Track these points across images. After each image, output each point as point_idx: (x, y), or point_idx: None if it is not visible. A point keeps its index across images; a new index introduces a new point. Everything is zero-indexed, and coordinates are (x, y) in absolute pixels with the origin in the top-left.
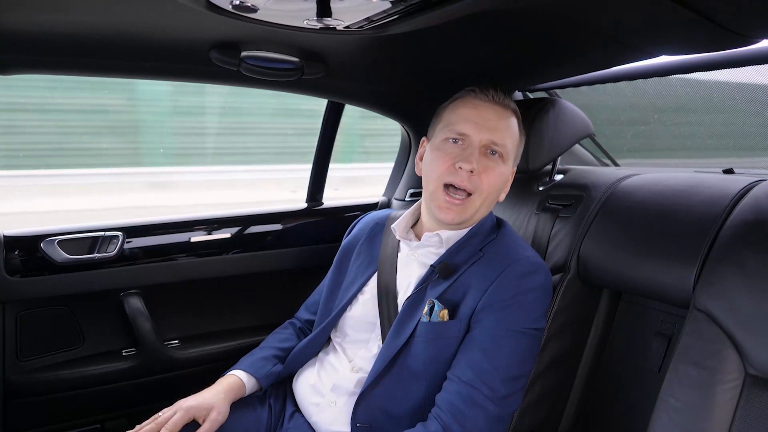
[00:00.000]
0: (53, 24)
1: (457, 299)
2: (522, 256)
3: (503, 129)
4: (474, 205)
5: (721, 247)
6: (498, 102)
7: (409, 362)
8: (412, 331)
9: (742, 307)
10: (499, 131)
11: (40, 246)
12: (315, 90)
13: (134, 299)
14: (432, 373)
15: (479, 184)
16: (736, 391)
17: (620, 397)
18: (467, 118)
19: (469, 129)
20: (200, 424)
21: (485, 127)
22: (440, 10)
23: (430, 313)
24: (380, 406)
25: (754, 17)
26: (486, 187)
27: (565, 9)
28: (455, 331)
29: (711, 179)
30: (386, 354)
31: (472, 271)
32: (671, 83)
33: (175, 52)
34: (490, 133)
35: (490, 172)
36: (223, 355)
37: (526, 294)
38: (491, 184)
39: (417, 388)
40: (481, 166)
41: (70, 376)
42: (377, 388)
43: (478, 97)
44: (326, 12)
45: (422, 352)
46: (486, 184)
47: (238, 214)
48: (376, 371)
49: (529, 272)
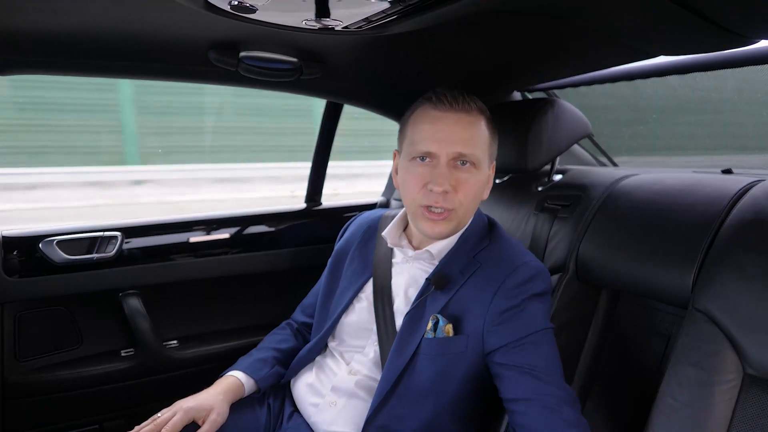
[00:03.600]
0: (52, 24)
1: (459, 313)
2: (521, 262)
3: (468, 138)
4: (456, 216)
5: (719, 247)
6: (458, 108)
7: (414, 380)
8: (415, 349)
9: (741, 307)
10: (464, 142)
11: (38, 246)
12: (314, 90)
13: (133, 299)
14: (439, 390)
15: (455, 198)
16: (734, 391)
17: (619, 397)
18: (429, 135)
19: (434, 147)
20: (199, 425)
21: (449, 141)
22: (439, 11)
23: (434, 328)
24: (387, 427)
25: (752, 17)
26: (464, 199)
27: (564, 9)
28: (462, 346)
29: (709, 179)
30: (390, 374)
31: (472, 282)
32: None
33: (173, 53)
34: (456, 146)
35: (465, 184)
36: (222, 355)
37: (531, 300)
38: (468, 194)
39: (424, 407)
40: (453, 180)
41: (68, 376)
42: (384, 409)
43: (437, 107)
44: (325, 12)
45: (427, 369)
46: (463, 197)
47: (237, 214)
48: (382, 392)
49: (531, 277)
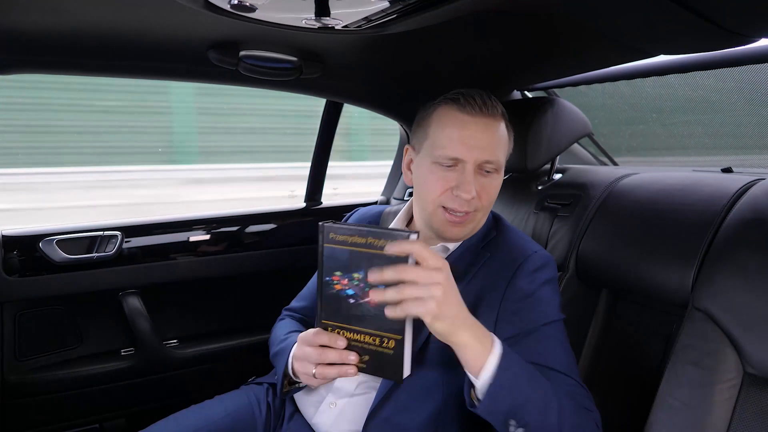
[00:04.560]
0: (52, 24)
1: (472, 302)
2: (531, 251)
3: (495, 145)
4: (476, 218)
5: (719, 246)
6: (487, 113)
7: (423, 371)
8: (425, 340)
9: (741, 306)
10: (492, 148)
11: (38, 245)
12: (313, 89)
13: (133, 299)
14: (448, 380)
15: (479, 203)
16: (734, 390)
17: (618, 397)
18: (457, 140)
19: (462, 153)
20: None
21: (479, 148)
22: (438, 10)
23: None
24: (391, 420)
25: (752, 17)
26: (486, 204)
27: (564, 9)
28: None
29: (709, 178)
30: None
31: (484, 272)
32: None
33: (173, 52)
34: (485, 153)
35: (488, 188)
36: (222, 354)
37: (545, 286)
38: (490, 197)
39: (431, 398)
40: (478, 186)
41: (68, 376)
42: (389, 402)
43: (465, 110)
44: (325, 11)
45: (438, 359)
46: (486, 201)
47: (237, 214)
48: (387, 384)
49: (544, 265)
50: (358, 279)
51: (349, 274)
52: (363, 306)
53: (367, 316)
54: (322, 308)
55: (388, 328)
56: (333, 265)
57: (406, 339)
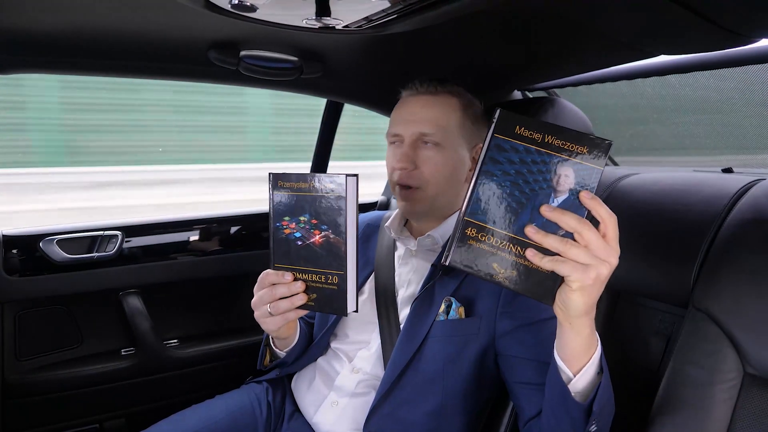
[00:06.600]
0: (53, 23)
1: (472, 294)
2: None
3: (429, 118)
4: (425, 195)
5: (720, 246)
6: (425, 91)
7: (425, 365)
8: (426, 333)
9: (741, 306)
10: (424, 121)
11: (39, 245)
12: (314, 89)
13: (133, 298)
14: (449, 373)
15: (421, 176)
16: (734, 390)
17: (618, 397)
18: (398, 117)
19: (400, 128)
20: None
21: (411, 121)
22: (439, 10)
23: (447, 311)
24: (393, 414)
25: (753, 17)
26: (430, 177)
27: (565, 9)
28: (474, 328)
29: (710, 178)
30: (399, 360)
31: None
32: (670, 83)
33: (173, 52)
34: (416, 125)
35: (429, 161)
36: (223, 354)
37: None
38: (434, 172)
39: (433, 392)
40: (417, 158)
41: (68, 375)
42: (390, 396)
43: (410, 91)
44: (325, 11)
45: (439, 352)
46: (429, 174)
47: (238, 213)
48: (389, 380)
49: None
50: (303, 222)
51: (296, 217)
52: (309, 247)
53: (312, 256)
54: (274, 253)
55: (331, 266)
56: (281, 210)
57: (349, 274)
